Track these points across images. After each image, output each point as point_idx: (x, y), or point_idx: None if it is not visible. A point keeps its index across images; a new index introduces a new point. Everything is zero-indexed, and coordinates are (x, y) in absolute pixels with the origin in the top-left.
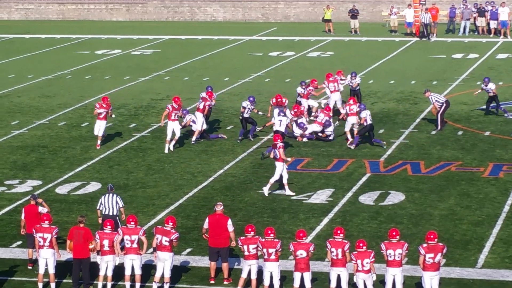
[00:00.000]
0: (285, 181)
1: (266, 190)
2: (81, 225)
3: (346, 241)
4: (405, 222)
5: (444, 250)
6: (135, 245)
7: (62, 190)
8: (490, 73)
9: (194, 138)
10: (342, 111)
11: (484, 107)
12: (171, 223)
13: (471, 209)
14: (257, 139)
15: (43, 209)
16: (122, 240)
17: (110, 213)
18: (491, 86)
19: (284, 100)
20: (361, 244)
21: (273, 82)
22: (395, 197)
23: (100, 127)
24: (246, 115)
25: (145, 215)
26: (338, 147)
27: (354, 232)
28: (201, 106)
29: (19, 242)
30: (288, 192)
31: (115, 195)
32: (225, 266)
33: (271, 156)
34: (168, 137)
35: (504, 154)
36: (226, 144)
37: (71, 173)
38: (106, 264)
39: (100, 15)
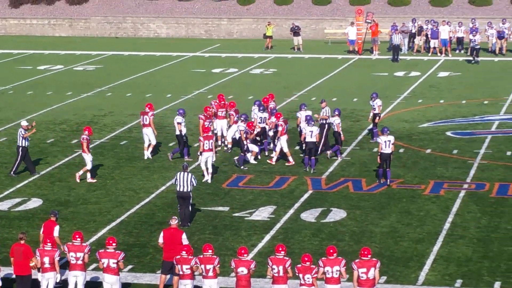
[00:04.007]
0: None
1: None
2: (22, 241)
3: (287, 258)
4: (347, 239)
5: (378, 265)
6: (80, 262)
7: (3, 206)
8: (432, 91)
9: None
10: None
11: (425, 125)
12: (114, 244)
13: (412, 226)
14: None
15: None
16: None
17: (184, 190)
18: (378, 102)
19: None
20: (305, 259)
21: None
22: (337, 214)
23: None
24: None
25: (87, 232)
26: (280, 164)
27: (296, 249)
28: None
29: None
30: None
31: (190, 174)
32: (175, 280)
33: None
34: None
35: (445, 172)
36: (168, 160)
37: (12, 189)
38: (47, 281)
39: (42, 30)
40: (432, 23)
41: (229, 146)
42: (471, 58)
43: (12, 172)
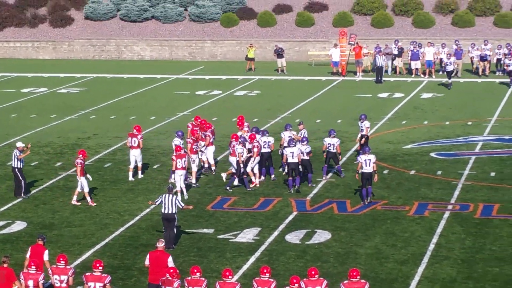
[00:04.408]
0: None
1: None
2: (5, 265)
3: (272, 280)
4: (332, 261)
5: (366, 286)
6: (64, 285)
7: None
8: (415, 112)
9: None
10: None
11: (409, 146)
12: (100, 267)
13: (397, 247)
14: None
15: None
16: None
17: (169, 212)
18: (366, 124)
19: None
20: (294, 281)
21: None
22: (322, 236)
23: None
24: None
25: (71, 255)
26: (265, 186)
27: (281, 271)
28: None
29: None
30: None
31: (175, 196)
32: None
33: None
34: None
35: (429, 193)
36: (153, 182)
37: None
38: None
39: (26, 53)
40: (413, 44)
41: (213, 168)
42: (449, 82)
43: (23, 195)
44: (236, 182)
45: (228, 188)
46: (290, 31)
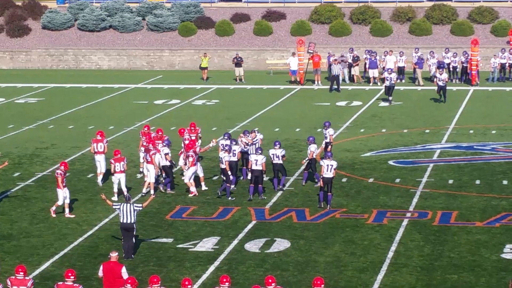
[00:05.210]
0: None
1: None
2: None
3: None
4: (291, 269)
5: None
6: None
7: None
8: (374, 120)
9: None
10: None
11: (367, 154)
12: (72, 277)
13: (356, 255)
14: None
15: None
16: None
17: (128, 221)
18: (330, 131)
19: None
20: None
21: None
22: (281, 245)
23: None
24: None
25: (30, 265)
26: (224, 195)
27: (240, 280)
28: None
29: None
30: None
31: (132, 205)
32: None
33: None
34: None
35: (388, 200)
36: (111, 192)
37: None
38: None
39: None
40: (370, 53)
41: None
42: (389, 98)
43: None
44: (231, 187)
45: (229, 197)
46: (248, 40)
